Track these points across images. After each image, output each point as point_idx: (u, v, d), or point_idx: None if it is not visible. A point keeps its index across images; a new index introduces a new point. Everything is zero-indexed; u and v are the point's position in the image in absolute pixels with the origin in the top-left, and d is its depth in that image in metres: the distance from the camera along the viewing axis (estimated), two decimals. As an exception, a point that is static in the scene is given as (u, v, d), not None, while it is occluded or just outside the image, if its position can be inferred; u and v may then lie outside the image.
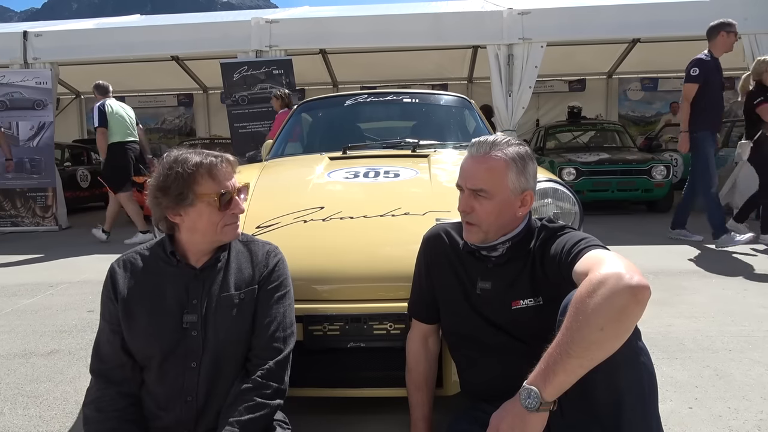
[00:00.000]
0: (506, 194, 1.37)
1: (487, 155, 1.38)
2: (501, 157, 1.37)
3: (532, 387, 1.07)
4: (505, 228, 1.41)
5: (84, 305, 3.55)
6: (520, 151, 1.40)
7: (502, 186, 1.37)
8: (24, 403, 2.16)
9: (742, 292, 3.47)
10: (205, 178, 1.37)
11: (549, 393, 1.05)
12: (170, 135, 13.32)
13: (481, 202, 1.38)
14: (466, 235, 1.44)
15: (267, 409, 1.34)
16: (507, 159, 1.37)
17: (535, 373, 1.08)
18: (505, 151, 1.38)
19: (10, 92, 7.26)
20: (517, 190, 1.38)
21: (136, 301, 1.40)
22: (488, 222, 1.39)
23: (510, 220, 1.40)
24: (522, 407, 1.08)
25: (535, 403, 1.06)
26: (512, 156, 1.38)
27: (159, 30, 7.97)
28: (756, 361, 2.39)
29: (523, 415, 1.08)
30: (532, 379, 1.08)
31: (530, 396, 1.06)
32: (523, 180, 1.38)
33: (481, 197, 1.38)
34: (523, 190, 1.39)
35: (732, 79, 11.86)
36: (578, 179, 7.14)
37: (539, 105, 11.96)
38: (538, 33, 6.91)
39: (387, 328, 1.70)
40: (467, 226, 1.42)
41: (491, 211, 1.37)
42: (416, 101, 3.67)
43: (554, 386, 1.05)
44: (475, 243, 1.44)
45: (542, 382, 1.06)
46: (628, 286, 1.02)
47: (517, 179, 1.37)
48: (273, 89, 6.46)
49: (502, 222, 1.39)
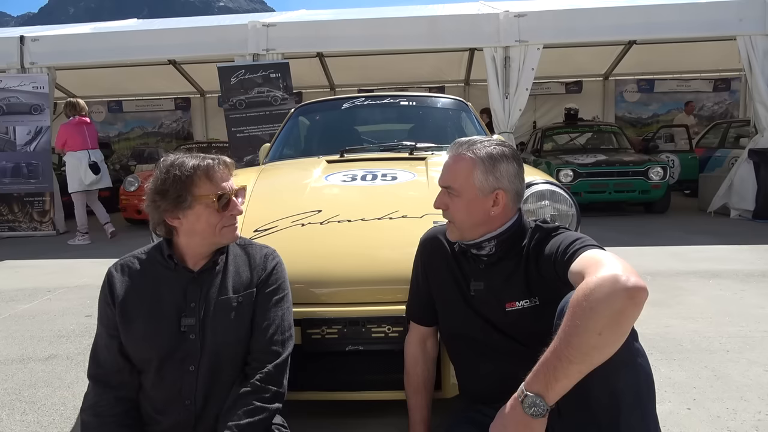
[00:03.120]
0: (473, 192, 1.39)
1: (457, 154, 1.43)
2: (469, 156, 1.41)
3: (536, 395, 1.06)
4: (482, 227, 1.42)
5: (82, 310, 3.54)
6: (492, 152, 1.41)
7: (468, 184, 1.39)
8: (22, 409, 2.15)
9: (739, 293, 3.48)
10: (203, 180, 1.37)
11: (551, 398, 1.06)
12: (168, 139, 13.31)
13: (453, 199, 1.42)
14: (447, 233, 1.49)
15: (266, 413, 1.34)
16: (475, 158, 1.40)
17: (534, 378, 1.07)
18: (475, 151, 1.41)
19: (6, 97, 7.25)
20: (485, 189, 1.39)
21: (133, 305, 1.40)
22: (460, 219, 1.42)
23: (483, 219, 1.41)
24: (526, 415, 1.07)
25: (542, 411, 1.06)
26: (481, 155, 1.40)
27: (156, 34, 7.96)
28: (754, 361, 2.40)
29: (528, 423, 1.07)
30: (531, 384, 1.07)
31: (535, 404, 1.06)
32: (491, 179, 1.39)
33: (452, 195, 1.42)
34: (493, 189, 1.39)
35: (728, 80, 11.97)
36: (575, 181, 7.15)
37: (536, 107, 11.98)
38: (534, 35, 6.92)
39: (385, 331, 1.70)
40: (447, 224, 1.48)
41: (461, 209, 1.41)
42: (413, 104, 3.68)
43: (556, 392, 1.05)
44: (454, 240, 1.48)
45: (544, 389, 1.05)
46: (624, 288, 1.02)
47: (485, 178, 1.39)
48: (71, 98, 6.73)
49: (475, 220, 1.41)
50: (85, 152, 6.39)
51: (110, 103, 13.29)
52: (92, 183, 6.46)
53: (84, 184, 6.41)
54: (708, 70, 11.70)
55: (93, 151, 6.49)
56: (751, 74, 6.76)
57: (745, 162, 6.77)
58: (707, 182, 7.74)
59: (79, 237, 6.44)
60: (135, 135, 13.52)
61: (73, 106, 6.47)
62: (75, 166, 6.40)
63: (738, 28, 6.73)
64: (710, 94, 12.17)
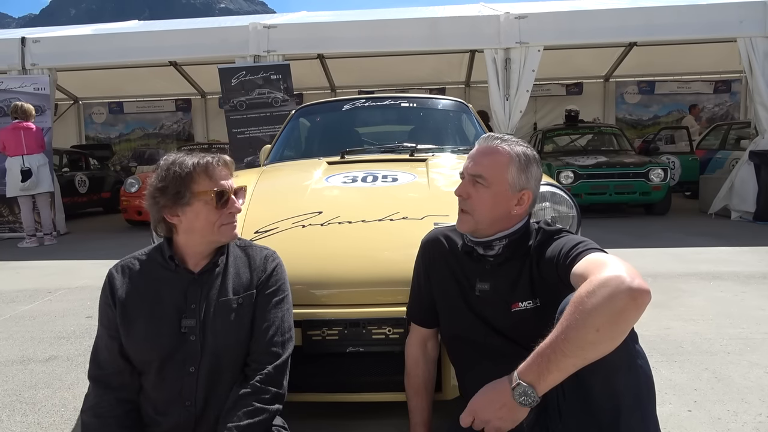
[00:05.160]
0: (504, 187, 1.39)
1: (494, 146, 1.43)
2: (506, 149, 1.41)
3: (527, 384, 1.08)
4: (499, 224, 1.42)
5: (82, 311, 3.54)
6: (526, 152, 1.43)
7: (501, 177, 1.39)
8: (22, 410, 2.15)
9: (740, 295, 3.48)
10: (202, 177, 1.38)
11: (542, 389, 1.08)
12: (168, 140, 13.32)
13: (478, 189, 1.40)
14: (458, 224, 1.47)
15: (266, 414, 1.34)
16: (512, 153, 1.40)
17: (528, 367, 1.09)
18: (511, 146, 1.42)
19: (8, 98, 7.24)
20: (515, 186, 1.39)
21: (134, 306, 1.40)
22: (481, 212, 1.40)
23: (504, 215, 1.41)
24: (514, 401, 1.10)
25: (531, 401, 1.08)
26: (517, 152, 1.41)
27: (157, 35, 7.97)
28: (754, 363, 2.39)
29: (513, 408, 1.11)
30: (525, 373, 1.09)
31: (527, 394, 1.08)
32: (523, 178, 1.40)
33: (479, 184, 1.40)
34: (522, 188, 1.40)
35: (728, 82, 11.98)
36: (576, 182, 7.16)
37: (537, 108, 11.99)
38: (535, 37, 6.93)
39: (386, 332, 1.70)
40: (461, 214, 1.45)
41: (486, 200, 1.40)
42: (414, 105, 3.68)
43: (547, 383, 1.08)
44: (465, 232, 1.47)
45: (536, 379, 1.08)
46: (628, 288, 1.03)
47: (518, 175, 1.39)
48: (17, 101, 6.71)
49: (495, 215, 1.40)
50: (18, 158, 6.46)
51: (111, 105, 13.32)
52: (24, 188, 6.50)
53: (18, 190, 6.50)
54: (708, 71, 11.72)
55: (29, 156, 6.50)
56: (751, 76, 6.77)
57: (745, 164, 6.77)
58: (708, 184, 7.75)
59: (27, 240, 6.54)
60: (136, 136, 13.53)
61: (15, 110, 6.51)
62: (10, 170, 6.51)
63: (738, 29, 6.74)
64: (711, 96, 12.17)
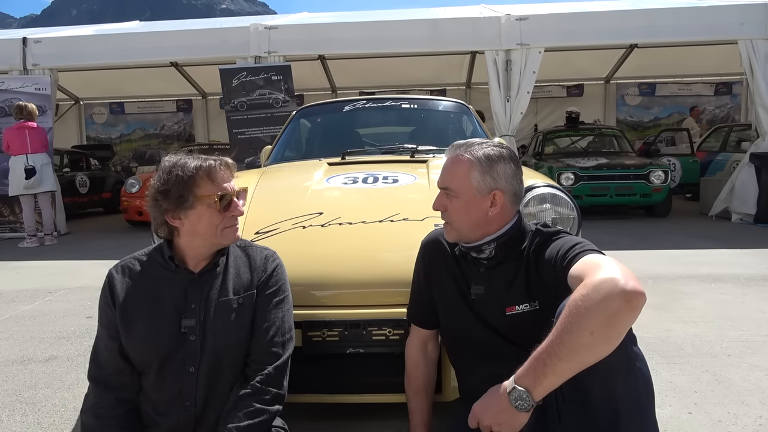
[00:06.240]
0: (470, 194, 1.40)
1: (455, 156, 1.44)
2: (466, 157, 1.42)
3: (523, 389, 1.09)
4: (481, 228, 1.42)
5: (83, 311, 3.54)
6: (489, 152, 1.42)
7: (466, 184, 1.40)
8: (22, 410, 2.15)
9: (740, 297, 3.47)
10: (205, 181, 1.38)
11: (538, 394, 1.08)
12: (169, 141, 13.34)
13: (451, 201, 1.43)
14: (445, 234, 1.50)
15: (266, 415, 1.34)
16: (472, 159, 1.41)
17: (524, 371, 1.10)
18: (472, 152, 1.42)
19: (9, 98, 7.25)
20: (482, 190, 1.39)
21: (134, 306, 1.40)
22: (459, 221, 1.42)
23: (481, 220, 1.41)
24: (511, 406, 1.10)
25: (527, 405, 1.09)
26: (478, 156, 1.41)
27: (158, 36, 7.98)
28: (755, 365, 2.39)
29: (511, 412, 1.11)
30: (521, 377, 1.10)
31: (522, 398, 1.09)
32: (488, 179, 1.39)
33: (451, 196, 1.42)
34: (491, 189, 1.40)
35: (729, 84, 11.98)
36: (576, 184, 7.15)
37: (537, 110, 11.99)
38: (535, 39, 6.93)
39: (386, 333, 1.70)
40: (444, 226, 1.48)
41: (460, 210, 1.42)
42: (414, 107, 3.68)
43: (543, 387, 1.08)
44: (452, 241, 1.49)
45: (532, 384, 1.08)
46: (623, 291, 1.02)
47: (482, 178, 1.39)
48: (19, 101, 6.73)
49: (473, 221, 1.41)
50: (22, 156, 6.49)
51: (112, 105, 13.34)
52: (27, 187, 6.53)
53: (21, 188, 6.52)
54: (709, 73, 11.73)
55: (33, 155, 6.54)
56: (752, 78, 6.77)
57: (746, 166, 6.77)
58: (708, 186, 7.75)
59: (27, 240, 6.55)
60: (136, 137, 13.55)
61: (19, 110, 6.53)
62: (13, 169, 6.54)
63: (739, 31, 6.74)
64: (711, 98, 12.19)
